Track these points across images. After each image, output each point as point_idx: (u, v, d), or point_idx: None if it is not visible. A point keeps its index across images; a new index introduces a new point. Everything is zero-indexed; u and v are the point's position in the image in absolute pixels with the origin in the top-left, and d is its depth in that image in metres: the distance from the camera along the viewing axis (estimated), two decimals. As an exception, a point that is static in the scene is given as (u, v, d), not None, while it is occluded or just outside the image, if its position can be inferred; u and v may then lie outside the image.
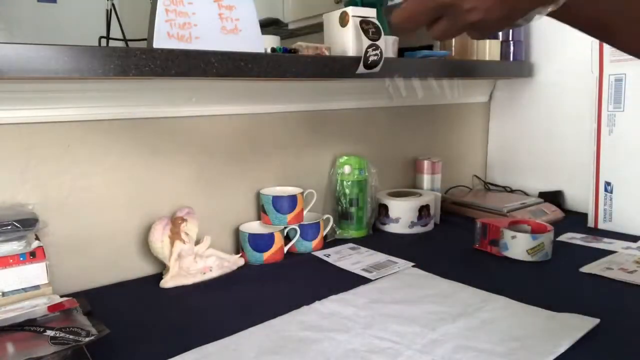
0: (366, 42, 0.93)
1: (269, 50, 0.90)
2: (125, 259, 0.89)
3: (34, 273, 0.72)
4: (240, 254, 0.96)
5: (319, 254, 0.99)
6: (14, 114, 0.76)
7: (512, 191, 1.37)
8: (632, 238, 1.04)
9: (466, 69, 1.19)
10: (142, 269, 0.91)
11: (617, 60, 1.07)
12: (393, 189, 1.22)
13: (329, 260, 0.96)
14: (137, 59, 0.72)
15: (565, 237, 1.06)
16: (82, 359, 0.58)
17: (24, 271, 0.72)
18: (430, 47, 1.28)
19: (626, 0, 0.41)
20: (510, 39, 1.28)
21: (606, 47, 1.09)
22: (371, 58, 0.94)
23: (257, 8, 0.86)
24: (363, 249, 1.01)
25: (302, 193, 1.01)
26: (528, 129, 1.36)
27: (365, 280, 0.84)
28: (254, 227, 1.00)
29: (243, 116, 1.00)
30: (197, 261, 0.88)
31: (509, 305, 0.73)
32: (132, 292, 0.84)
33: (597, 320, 0.66)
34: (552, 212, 1.20)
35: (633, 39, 0.42)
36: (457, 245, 1.03)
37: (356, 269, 0.90)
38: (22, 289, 0.72)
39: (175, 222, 0.87)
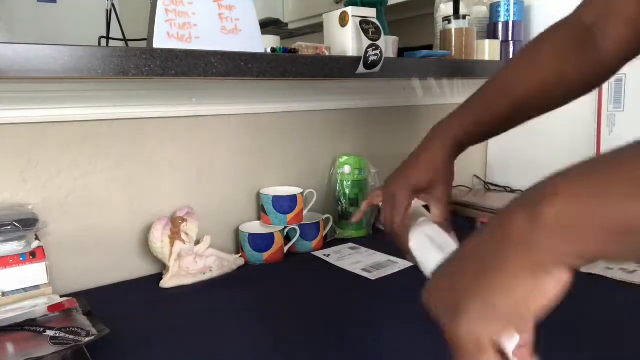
0: (366, 42, 0.93)
1: (269, 50, 0.90)
2: (125, 259, 0.89)
3: (34, 273, 0.72)
4: (240, 254, 0.96)
5: (319, 254, 0.99)
6: (14, 114, 0.76)
7: (512, 191, 1.37)
8: (632, 238, 1.04)
9: (466, 69, 1.19)
10: (142, 269, 0.91)
11: (617, 60, 1.07)
12: (393, 189, 1.21)
13: (329, 260, 0.96)
14: (137, 59, 0.72)
15: (565, 237, 1.05)
16: (82, 359, 0.58)
17: (24, 271, 0.72)
18: (430, 47, 1.28)
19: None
20: (510, 39, 1.27)
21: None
22: (371, 58, 0.94)
23: (257, 8, 0.86)
24: (363, 249, 1.01)
25: (302, 193, 1.01)
26: (528, 129, 1.35)
27: (365, 280, 0.84)
28: (254, 227, 1.00)
29: (243, 116, 1.00)
30: (197, 261, 0.88)
31: None
32: (132, 292, 0.84)
33: None
34: (552, 212, 1.19)
35: None
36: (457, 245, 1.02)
37: (356, 269, 0.90)
38: (22, 289, 0.72)
39: (175, 222, 0.87)
